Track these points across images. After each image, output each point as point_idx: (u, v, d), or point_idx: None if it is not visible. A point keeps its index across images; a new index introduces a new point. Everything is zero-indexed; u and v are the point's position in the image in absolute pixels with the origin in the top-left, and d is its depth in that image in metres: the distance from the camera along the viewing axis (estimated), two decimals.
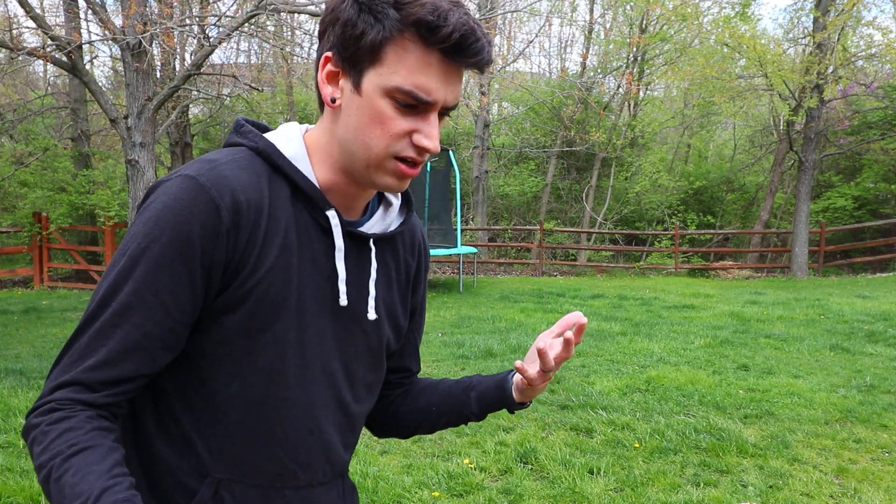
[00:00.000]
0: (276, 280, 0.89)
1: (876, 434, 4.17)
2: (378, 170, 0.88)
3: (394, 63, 0.83)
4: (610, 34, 20.48)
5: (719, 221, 19.72)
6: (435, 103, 0.85)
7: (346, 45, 0.85)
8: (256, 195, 0.88)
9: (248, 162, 0.90)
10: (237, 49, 18.35)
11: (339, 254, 0.93)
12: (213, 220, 0.84)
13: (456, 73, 0.85)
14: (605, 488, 3.37)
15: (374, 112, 0.85)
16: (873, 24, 15.12)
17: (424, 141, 0.86)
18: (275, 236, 0.89)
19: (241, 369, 0.90)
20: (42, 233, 12.28)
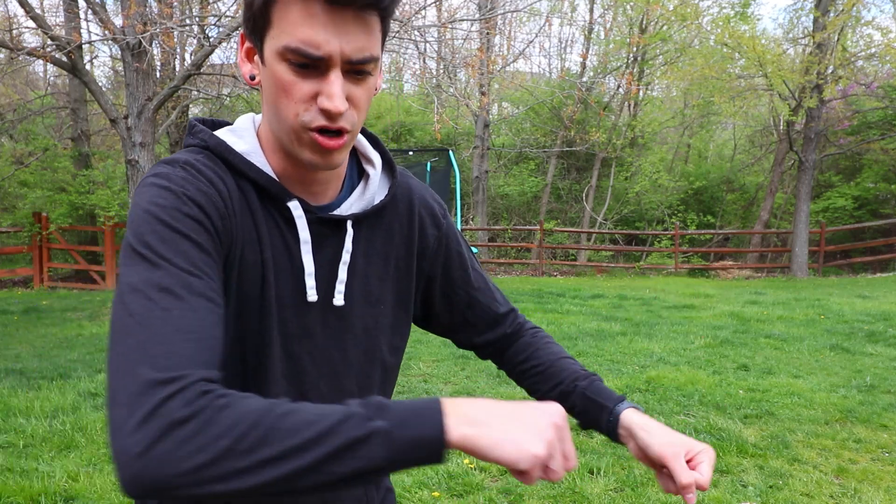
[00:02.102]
0: (251, 277, 0.87)
1: (876, 434, 4.17)
2: (298, 144, 0.82)
3: (280, 22, 0.77)
4: (610, 34, 20.49)
5: (719, 221, 19.72)
6: (328, 57, 0.76)
7: (246, 15, 0.81)
8: (226, 188, 0.86)
9: (209, 160, 0.87)
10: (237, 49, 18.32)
11: (305, 246, 0.89)
12: (214, 198, 0.82)
13: (351, 20, 0.76)
14: (605, 488, 3.37)
15: (276, 80, 0.79)
16: (873, 24, 15.13)
17: (325, 102, 0.78)
18: (248, 233, 0.87)
19: (227, 367, 0.88)
20: (42, 233, 12.28)
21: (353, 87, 0.80)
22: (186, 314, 0.72)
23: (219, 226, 0.81)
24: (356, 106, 0.82)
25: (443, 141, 18.38)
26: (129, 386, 0.66)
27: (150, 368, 0.66)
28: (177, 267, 0.74)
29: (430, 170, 12.80)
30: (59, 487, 3.29)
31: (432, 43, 13.56)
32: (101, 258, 13.56)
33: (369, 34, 0.79)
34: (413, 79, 23.67)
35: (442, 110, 18.02)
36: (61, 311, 9.21)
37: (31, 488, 3.25)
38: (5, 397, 4.75)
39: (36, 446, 3.85)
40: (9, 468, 3.52)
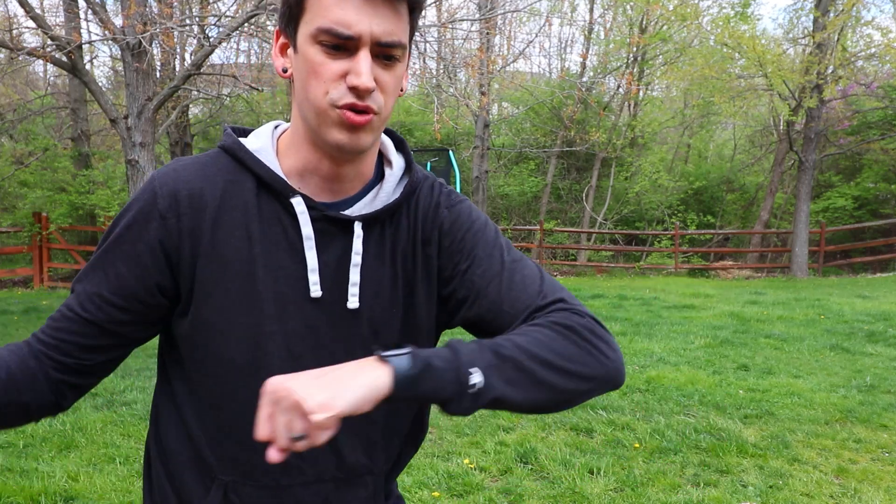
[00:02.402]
0: (238, 273, 0.88)
1: (876, 434, 4.17)
2: (326, 125, 0.84)
3: (314, 7, 0.81)
4: (610, 34, 20.48)
5: (719, 221, 19.72)
6: (359, 37, 0.80)
7: (282, 11, 0.85)
8: (202, 186, 0.89)
9: (211, 159, 0.92)
10: (237, 49, 18.34)
11: (308, 242, 0.89)
12: (148, 206, 0.88)
13: (381, 4, 0.81)
14: (605, 488, 3.37)
15: (308, 63, 0.83)
16: (873, 24, 15.14)
17: (353, 79, 0.81)
18: (232, 228, 0.88)
19: (224, 365, 0.89)
20: (42, 233, 12.28)
21: (382, 70, 0.83)
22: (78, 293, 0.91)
23: (172, 225, 0.87)
24: (383, 90, 0.84)
25: (443, 141, 18.38)
26: None
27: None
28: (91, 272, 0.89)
29: (430, 170, 12.78)
30: (59, 487, 3.29)
31: (432, 43, 13.57)
32: None
33: (398, 20, 0.82)
34: (413, 79, 23.65)
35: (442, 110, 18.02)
36: None
37: (31, 488, 3.25)
38: None
39: (36, 446, 3.85)
40: (9, 468, 3.52)
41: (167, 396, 0.96)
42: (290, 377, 0.73)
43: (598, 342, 0.86)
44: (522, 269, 0.94)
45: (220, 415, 0.91)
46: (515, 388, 0.80)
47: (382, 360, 0.75)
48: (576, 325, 0.85)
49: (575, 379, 0.83)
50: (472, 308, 0.93)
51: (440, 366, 0.76)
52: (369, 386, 0.73)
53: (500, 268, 0.93)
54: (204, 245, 0.88)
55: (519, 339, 0.82)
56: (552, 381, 0.81)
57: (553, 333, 0.84)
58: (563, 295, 0.91)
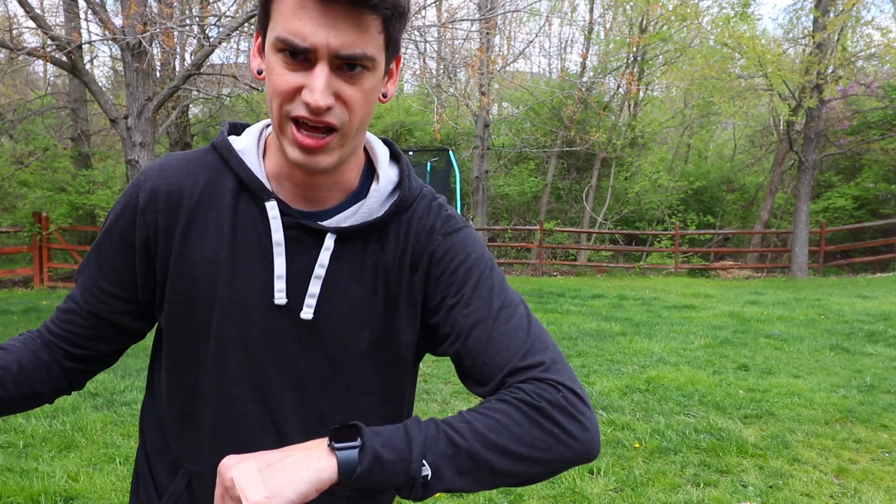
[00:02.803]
0: (205, 273, 0.88)
1: (876, 434, 4.17)
2: (284, 138, 0.82)
3: (277, 14, 0.78)
4: (610, 34, 20.49)
5: (719, 221, 19.72)
6: (314, 49, 0.76)
7: (259, 11, 0.83)
8: (182, 183, 0.89)
9: (199, 156, 0.92)
10: (237, 49, 18.33)
11: (278, 248, 0.87)
12: (132, 200, 0.90)
13: (342, 15, 0.75)
14: (605, 488, 3.37)
15: (270, 71, 0.80)
16: (873, 23, 15.15)
17: (306, 95, 0.77)
18: (205, 228, 0.88)
19: (191, 361, 0.91)
20: (42, 233, 12.28)
21: (345, 84, 0.78)
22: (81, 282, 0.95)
23: (150, 220, 0.89)
24: (347, 105, 0.79)
25: (443, 141, 18.39)
26: None
27: None
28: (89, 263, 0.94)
29: (430, 170, 12.81)
30: (59, 487, 3.29)
31: (432, 43, 13.57)
32: None
33: (363, 32, 0.77)
34: (413, 79, 23.66)
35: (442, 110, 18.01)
36: None
37: (31, 488, 3.25)
38: None
39: (36, 446, 3.85)
40: (9, 468, 3.52)
41: (150, 386, 1.00)
42: (240, 460, 0.73)
43: (568, 422, 0.80)
44: (510, 317, 0.88)
45: (184, 406, 0.93)
46: (469, 478, 0.77)
47: (332, 449, 0.74)
48: (545, 405, 0.80)
49: (536, 464, 0.79)
50: (454, 347, 0.89)
51: (390, 458, 0.74)
52: (315, 480, 0.72)
53: (488, 313, 0.88)
54: (176, 242, 0.88)
55: (479, 424, 0.78)
56: (509, 469, 0.78)
57: (519, 415, 0.79)
58: (545, 357, 0.85)
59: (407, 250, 0.92)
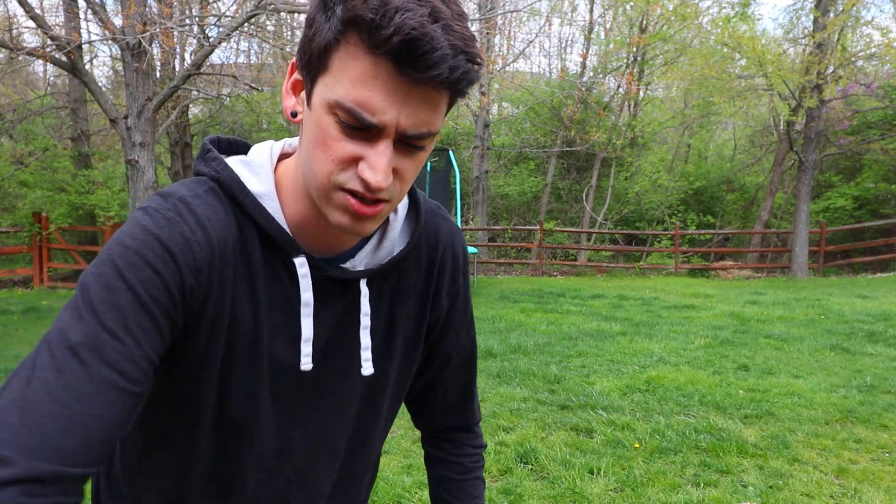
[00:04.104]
0: (240, 331, 0.78)
1: (876, 434, 4.16)
2: (328, 203, 0.73)
3: (338, 72, 0.67)
4: (610, 34, 20.49)
5: (719, 221, 19.73)
6: (382, 127, 0.67)
7: (304, 48, 0.71)
8: (225, 232, 0.76)
9: (212, 197, 0.77)
10: (237, 49, 18.35)
11: (306, 309, 0.80)
12: (196, 245, 0.73)
13: (416, 93, 0.66)
14: (605, 488, 3.37)
15: (320, 131, 0.70)
16: (873, 24, 15.14)
17: (367, 173, 0.68)
18: (241, 283, 0.77)
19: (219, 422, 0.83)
20: (42, 233, 12.28)
21: (403, 158, 0.71)
22: (75, 384, 0.63)
23: (188, 280, 0.71)
24: (401, 178, 0.73)
25: (443, 141, 18.39)
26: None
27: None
28: (101, 324, 0.65)
29: (430, 170, 12.80)
30: None
31: None
32: None
33: (434, 110, 0.69)
34: None
35: None
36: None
37: None
38: None
39: None
40: None
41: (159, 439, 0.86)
42: None
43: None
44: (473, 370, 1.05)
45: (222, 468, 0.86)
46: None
47: None
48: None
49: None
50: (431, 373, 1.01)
51: None
52: None
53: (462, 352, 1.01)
54: (209, 305, 0.76)
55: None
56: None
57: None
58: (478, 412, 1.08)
59: (430, 288, 0.91)
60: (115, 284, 0.67)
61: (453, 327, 0.98)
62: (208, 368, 0.78)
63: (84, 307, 0.66)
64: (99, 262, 0.69)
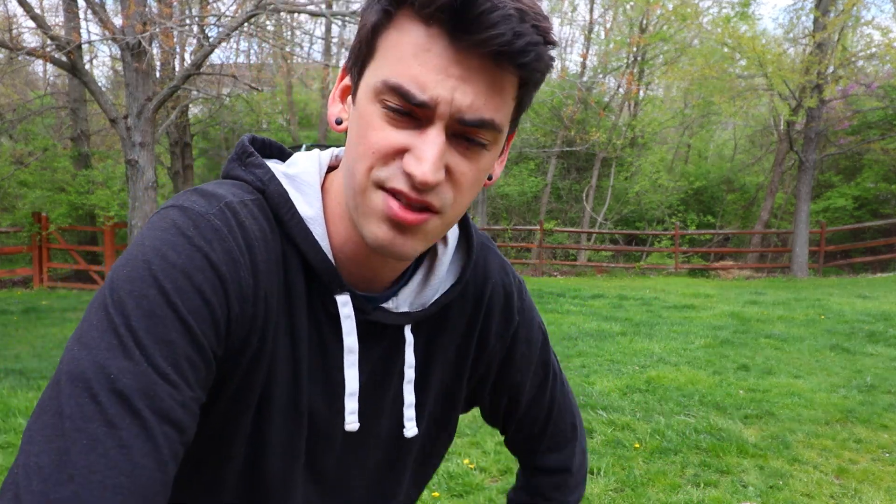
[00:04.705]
0: (281, 375, 0.67)
1: (876, 434, 4.16)
2: (363, 211, 0.62)
3: (387, 51, 0.59)
4: (610, 34, 20.50)
5: (719, 221, 19.72)
6: (435, 104, 0.57)
7: (355, 44, 0.63)
8: (270, 256, 0.65)
9: (257, 210, 0.65)
10: (237, 49, 18.35)
11: (350, 357, 0.69)
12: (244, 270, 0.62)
13: (478, 68, 0.57)
14: (606, 488, 3.37)
15: (362, 121, 0.61)
16: (873, 23, 15.15)
17: (412, 165, 0.58)
18: (282, 318, 0.67)
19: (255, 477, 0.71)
20: (42, 233, 12.28)
21: (458, 157, 0.60)
22: (132, 444, 0.51)
23: (235, 310, 0.61)
24: (455, 183, 0.61)
25: None
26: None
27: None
28: (151, 363, 0.54)
29: None
30: None
31: None
32: (100, 258, 13.56)
33: (496, 93, 0.59)
34: None
35: None
36: (61, 311, 9.21)
37: None
38: (5, 397, 4.75)
39: None
40: (8, 468, 3.52)
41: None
42: None
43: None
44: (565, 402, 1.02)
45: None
46: None
47: None
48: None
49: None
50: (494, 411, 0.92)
51: None
52: None
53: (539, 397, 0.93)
54: (251, 340, 0.65)
55: None
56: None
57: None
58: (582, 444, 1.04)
59: (476, 321, 0.80)
60: (163, 313, 0.55)
61: (516, 375, 0.87)
62: (241, 417, 0.66)
63: (127, 337, 0.54)
64: (135, 277, 0.56)
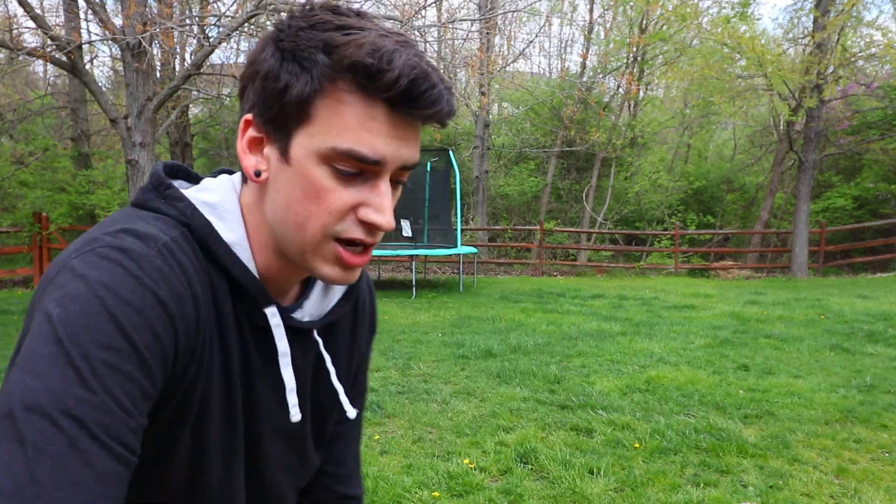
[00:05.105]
0: (216, 393, 0.74)
1: (876, 434, 4.17)
2: (316, 257, 0.71)
3: (328, 120, 0.66)
4: (610, 34, 20.50)
5: (719, 221, 19.72)
6: (384, 164, 0.67)
7: (269, 102, 0.68)
8: (203, 286, 0.70)
9: (185, 244, 0.70)
10: (237, 49, 18.34)
11: (285, 359, 0.78)
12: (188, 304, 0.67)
13: (410, 128, 0.68)
14: (605, 488, 3.37)
15: (308, 183, 0.67)
16: (873, 24, 15.13)
17: (373, 215, 0.68)
18: (215, 339, 0.73)
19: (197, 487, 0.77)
20: (42, 233, 12.28)
21: (392, 194, 0.72)
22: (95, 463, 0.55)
23: (182, 344, 0.66)
24: None
25: (443, 141, 18.38)
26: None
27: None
28: (108, 393, 0.57)
29: (430, 170, 12.80)
30: None
31: (432, 43, 13.56)
32: None
33: (419, 140, 0.71)
34: None
35: None
36: None
37: None
38: None
39: None
40: None
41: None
42: None
43: None
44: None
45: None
46: None
47: None
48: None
49: None
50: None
51: None
52: None
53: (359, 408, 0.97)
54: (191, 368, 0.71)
55: None
56: None
57: None
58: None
59: (356, 323, 0.93)
60: (120, 346, 0.59)
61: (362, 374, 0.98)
62: (181, 430, 0.72)
63: (85, 368, 0.57)
64: (91, 312, 0.59)
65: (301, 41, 0.66)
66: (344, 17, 0.67)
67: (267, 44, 0.68)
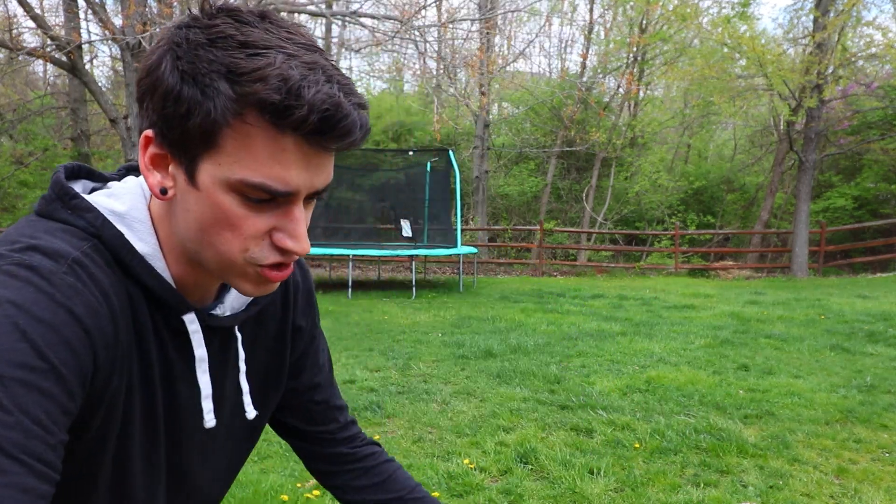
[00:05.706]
0: (137, 400, 0.73)
1: (876, 434, 4.16)
2: (234, 277, 0.71)
3: (236, 151, 0.63)
4: (610, 34, 20.50)
5: (719, 221, 19.72)
6: (296, 193, 0.66)
7: (170, 124, 0.64)
8: (121, 299, 0.69)
9: (98, 257, 0.68)
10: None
11: (202, 365, 0.78)
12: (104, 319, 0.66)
13: (324, 155, 0.66)
14: (606, 488, 3.37)
15: (219, 211, 0.66)
16: (873, 24, 15.15)
17: (288, 241, 0.67)
18: (134, 349, 0.72)
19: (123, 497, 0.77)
20: None
21: (305, 211, 0.71)
22: (18, 483, 0.54)
23: (100, 358, 0.65)
24: None
25: (443, 141, 18.39)
26: None
27: None
28: (24, 412, 0.56)
29: (430, 170, 12.81)
30: None
31: (432, 43, 13.55)
32: None
33: (329, 164, 0.69)
34: (413, 79, 23.68)
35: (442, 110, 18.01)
36: None
37: None
38: None
39: None
40: None
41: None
42: None
43: None
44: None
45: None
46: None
47: None
48: None
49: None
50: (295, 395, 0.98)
51: None
52: None
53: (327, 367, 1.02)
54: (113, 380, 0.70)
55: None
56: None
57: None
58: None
59: (287, 312, 0.92)
60: (35, 364, 0.57)
61: (314, 351, 1.00)
62: (106, 441, 0.71)
63: (2, 394, 0.56)
64: (2, 332, 0.57)
65: (201, 63, 0.62)
66: (247, 28, 0.63)
67: (164, 56, 0.64)
